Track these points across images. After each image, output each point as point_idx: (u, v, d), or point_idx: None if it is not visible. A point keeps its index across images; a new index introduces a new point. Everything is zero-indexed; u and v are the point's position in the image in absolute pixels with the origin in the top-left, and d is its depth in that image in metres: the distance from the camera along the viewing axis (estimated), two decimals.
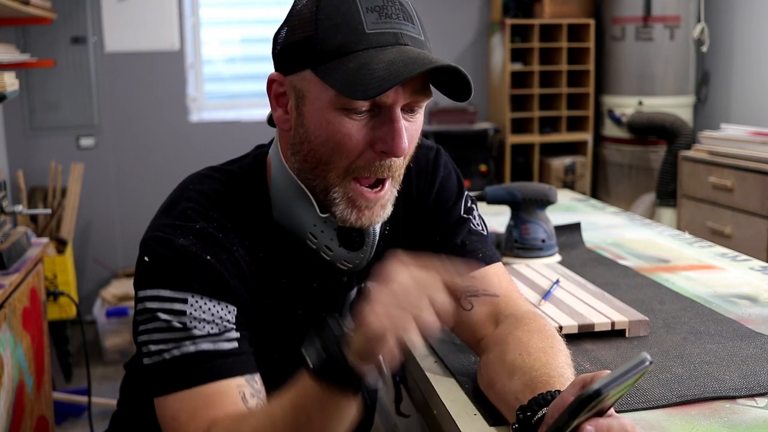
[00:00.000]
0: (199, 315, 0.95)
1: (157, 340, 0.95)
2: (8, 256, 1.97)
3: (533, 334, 1.01)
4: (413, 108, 0.96)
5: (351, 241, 1.02)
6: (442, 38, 4.55)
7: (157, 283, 0.96)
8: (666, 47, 4.04)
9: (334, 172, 0.96)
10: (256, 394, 0.98)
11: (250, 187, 1.05)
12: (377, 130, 0.94)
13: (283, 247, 1.04)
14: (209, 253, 0.97)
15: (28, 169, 3.93)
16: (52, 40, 3.96)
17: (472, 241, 1.13)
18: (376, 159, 0.95)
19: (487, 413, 0.96)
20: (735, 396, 1.00)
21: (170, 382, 0.95)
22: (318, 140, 0.96)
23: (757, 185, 3.02)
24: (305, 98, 0.96)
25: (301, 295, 1.06)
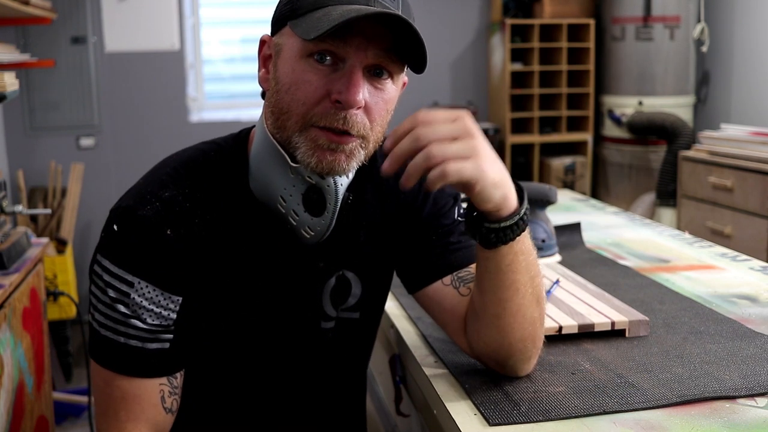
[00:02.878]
0: (142, 302, 1.01)
1: (101, 311, 1.02)
2: (8, 256, 1.98)
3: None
4: (380, 72, 1.00)
5: (314, 206, 1.04)
6: (442, 38, 4.55)
7: (113, 257, 1.01)
8: (666, 47, 4.04)
9: (293, 119, 0.99)
10: (174, 392, 1.06)
11: (230, 157, 1.09)
12: (336, 82, 0.97)
13: (253, 217, 1.07)
14: (170, 225, 1.01)
15: (28, 169, 3.93)
16: (52, 40, 3.96)
17: (468, 238, 1.15)
18: (332, 108, 0.97)
19: (487, 413, 0.96)
20: (735, 396, 1.00)
21: (99, 354, 1.03)
22: (284, 88, 1.00)
23: (757, 185, 3.02)
24: (281, 52, 1.02)
25: (264, 266, 1.08)
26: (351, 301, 1.16)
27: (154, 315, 1.02)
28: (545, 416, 0.95)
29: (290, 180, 1.03)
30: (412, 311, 1.35)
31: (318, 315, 1.14)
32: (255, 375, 1.14)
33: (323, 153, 0.99)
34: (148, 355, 1.02)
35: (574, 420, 0.94)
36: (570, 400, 0.99)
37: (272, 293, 1.10)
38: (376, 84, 1.00)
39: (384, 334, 1.45)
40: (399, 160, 0.91)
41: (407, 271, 1.18)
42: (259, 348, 1.12)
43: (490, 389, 1.02)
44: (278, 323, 1.11)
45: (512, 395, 1.00)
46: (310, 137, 0.99)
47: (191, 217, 1.03)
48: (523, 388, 1.02)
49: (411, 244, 1.17)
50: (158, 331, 1.02)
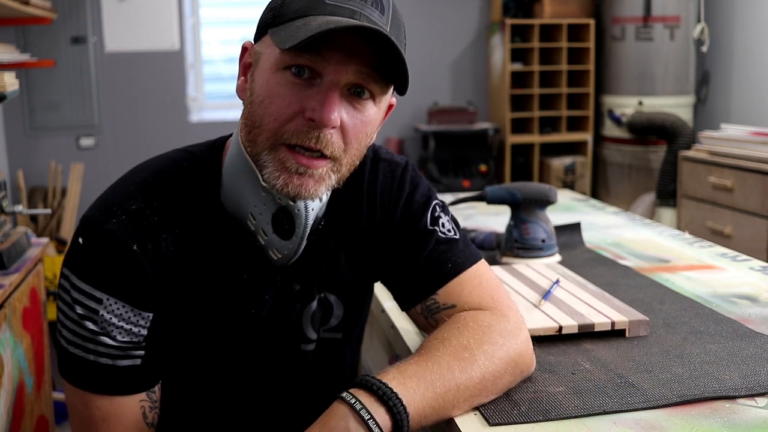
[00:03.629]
0: (111, 319, 0.96)
1: (69, 329, 0.98)
2: (8, 256, 1.98)
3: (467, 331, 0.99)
4: (361, 92, 0.94)
5: (282, 229, 1.00)
6: (442, 38, 4.55)
7: (81, 273, 0.97)
8: (666, 47, 4.04)
9: (263, 135, 0.94)
10: (154, 406, 1.02)
11: (203, 168, 1.04)
12: (311, 98, 0.92)
13: (224, 232, 1.02)
14: (136, 240, 0.96)
15: (28, 169, 3.93)
16: (52, 40, 3.96)
17: (440, 251, 1.08)
18: (305, 126, 0.92)
19: (487, 413, 0.96)
20: (735, 396, 0.99)
21: (70, 374, 0.99)
22: (257, 100, 0.95)
23: (757, 185, 3.02)
24: (259, 60, 0.96)
25: (231, 284, 1.04)
26: (333, 322, 1.13)
27: (124, 332, 0.97)
28: (545, 416, 0.95)
29: (261, 198, 0.99)
30: None
31: (298, 338, 1.10)
32: (233, 394, 1.11)
33: (290, 176, 0.94)
34: (120, 373, 0.98)
35: (574, 420, 0.94)
36: (570, 400, 0.99)
37: (244, 312, 1.05)
38: (355, 104, 0.94)
39: (384, 334, 1.45)
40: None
41: (391, 290, 1.15)
42: (235, 367, 1.08)
43: None
44: (253, 343, 1.08)
45: (512, 395, 1.00)
46: (278, 158, 0.94)
47: (159, 231, 0.98)
48: (523, 388, 1.02)
49: (387, 266, 1.12)
50: (129, 348, 0.98)
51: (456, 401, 0.93)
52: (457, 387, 0.93)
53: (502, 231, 1.71)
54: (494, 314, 1.04)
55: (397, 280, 1.12)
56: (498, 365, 0.97)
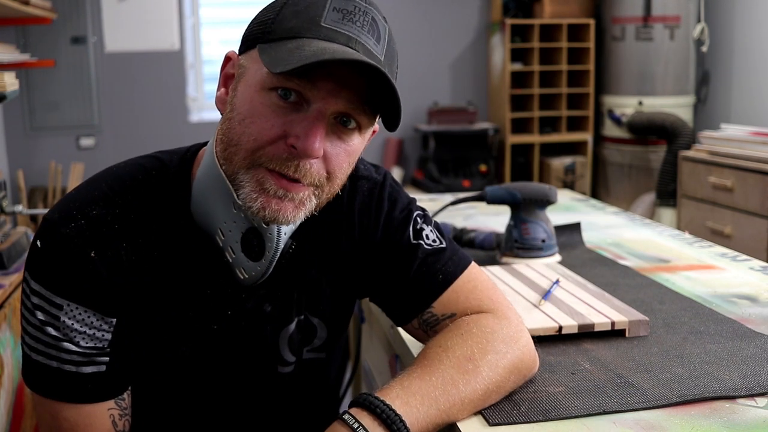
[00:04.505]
0: (73, 325, 0.93)
1: (31, 335, 0.95)
2: (8, 256, 1.98)
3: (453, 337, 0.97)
4: (347, 122, 0.90)
5: (251, 250, 0.96)
6: (442, 38, 4.55)
7: (40, 278, 0.93)
8: (666, 47, 4.04)
9: (241, 154, 0.89)
10: (124, 414, 1.00)
11: (173, 178, 1.00)
12: (296, 124, 0.88)
13: (188, 245, 0.99)
14: (94, 247, 0.93)
15: (28, 169, 3.93)
16: (52, 40, 3.96)
17: (429, 264, 1.05)
18: (285, 152, 0.88)
19: (487, 413, 0.96)
20: (735, 396, 0.99)
21: (34, 381, 0.96)
22: (238, 117, 0.90)
23: (757, 185, 3.02)
24: (244, 75, 0.92)
25: (193, 298, 1.00)
26: (317, 342, 1.10)
27: (87, 337, 0.94)
28: (545, 416, 0.95)
29: (232, 215, 0.94)
30: None
31: (274, 359, 1.07)
32: (207, 410, 1.09)
33: (269, 199, 0.89)
34: (86, 380, 0.95)
35: (574, 420, 0.94)
36: (570, 400, 0.99)
37: (206, 327, 1.02)
38: (340, 134, 0.91)
39: (384, 334, 1.45)
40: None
41: (384, 310, 1.12)
42: (206, 383, 1.06)
43: None
44: (222, 361, 1.05)
45: (512, 395, 1.00)
46: (256, 178, 0.89)
47: (119, 240, 0.94)
48: (523, 388, 1.02)
49: (375, 285, 1.09)
50: (93, 354, 0.95)
51: (459, 413, 0.92)
52: (461, 401, 0.91)
53: (502, 231, 1.71)
54: (496, 317, 1.02)
55: (388, 298, 1.08)
56: (501, 374, 0.96)
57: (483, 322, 1.00)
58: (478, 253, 1.66)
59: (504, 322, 1.01)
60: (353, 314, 1.25)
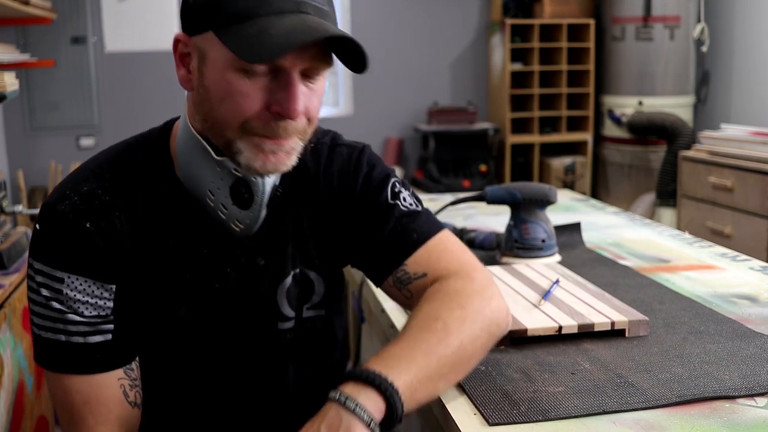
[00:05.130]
0: (75, 296, 0.99)
1: (39, 314, 1.00)
2: (8, 256, 1.98)
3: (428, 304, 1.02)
4: (312, 74, 0.99)
5: (242, 199, 1.04)
6: (442, 38, 4.55)
7: (41, 256, 1.00)
8: (666, 47, 4.04)
9: (230, 128, 0.98)
10: (134, 384, 1.05)
11: (155, 147, 1.08)
12: (274, 93, 0.96)
13: (180, 208, 1.06)
14: (89, 219, 1.00)
15: (28, 169, 3.93)
16: (52, 40, 3.96)
17: (404, 224, 1.10)
18: (271, 119, 0.97)
19: (487, 413, 0.96)
20: (735, 396, 0.99)
21: (45, 358, 1.01)
22: (216, 99, 0.98)
23: (757, 185, 3.02)
24: (206, 58, 0.98)
25: (190, 259, 1.06)
26: (315, 299, 1.15)
27: (90, 306, 1.00)
28: (545, 416, 0.95)
29: (217, 174, 1.02)
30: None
31: (273, 315, 1.12)
32: (213, 371, 1.12)
33: (266, 156, 0.99)
34: (94, 349, 1.00)
35: (574, 420, 0.94)
36: (570, 400, 0.99)
37: (208, 287, 1.08)
38: (309, 84, 0.99)
39: (384, 334, 1.45)
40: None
41: (361, 267, 1.17)
42: (211, 344, 1.10)
43: (490, 389, 1.02)
44: (226, 319, 1.10)
45: (512, 395, 1.00)
46: (252, 142, 0.98)
47: (112, 209, 1.02)
48: (522, 388, 1.02)
49: (354, 244, 1.14)
50: (98, 323, 1.01)
51: (441, 372, 0.95)
52: (438, 358, 0.94)
53: (502, 231, 1.71)
54: (460, 277, 1.06)
55: (365, 256, 1.13)
56: (472, 328, 0.99)
57: (447, 285, 1.05)
58: (478, 253, 1.66)
59: (467, 281, 1.05)
60: (354, 314, 1.27)
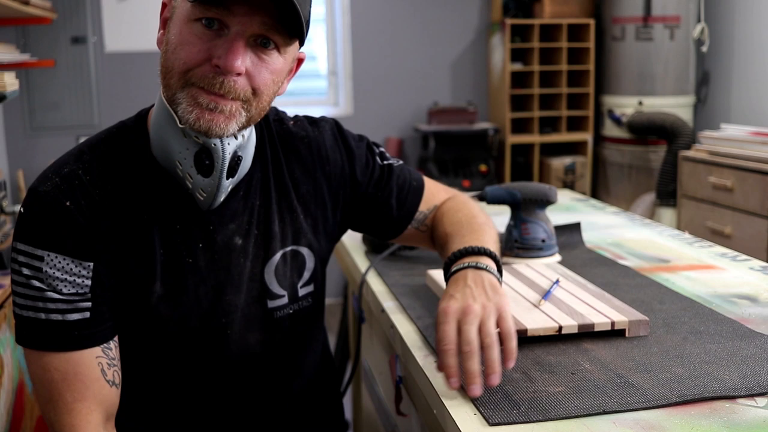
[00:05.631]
0: (54, 273, 1.03)
1: (19, 293, 1.05)
2: (8, 256, 1.98)
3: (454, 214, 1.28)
4: (266, 43, 1.03)
5: (204, 167, 1.07)
6: (442, 38, 4.55)
7: (23, 236, 1.05)
8: (666, 47, 4.04)
9: (175, 78, 1.03)
10: (112, 363, 1.08)
11: (132, 130, 1.13)
12: (218, 47, 1.00)
13: (154, 185, 1.10)
14: (69, 198, 1.04)
15: (28, 169, 3.93)
16: (52, 40, 3.96)
17: (402, 176, 1.31)
18: (211, 72, 1.01)
19: (487, 413, 0.96)
20: (735, 396, 1.00)
21: (25, 337, 1.05)
22: (170, 48, 1.04)
23: (757, 185, 3.02)
24: (174, 13, 1.05)
25: (163, 234, 1.11)
26: (306, 275, 1.21)
27: (68, 284, 1.04)
28: (545, 416, 0.95)
29: (183, 143, 1.06)
30: (412, 311, 1.35)
31: (260, 293, 1.17)
32: (191, 353, 1.15)
33: (202, 112, 1.02)
34: (72, 327, 1.04)
35: (574, 420, 0.94)
36: (570, 400, 0.99)
37: (180, 260, 1.12)
38: (260, 54, 1.03)
39: (384, 334, 1.45)
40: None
41: (372, 231, 1.34)
42: (184, 323, 1.13)
43: (490, 389, 1.02)
44: (196, 297, 1.13)
45: (512, 395, 1.00)
46: (190, 94, 1.02)
47: (91, 188, 1.06)
48: (522, 388, 1.02)
49: (361, 209, 1.28)
50: (75, 300, 1.04)
51: (490, 235, 1.22)
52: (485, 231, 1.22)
53: (502, 231, 1.71)
54: (451, 197, 1.36)
55: (380, 218, 1.30)
56: (479, 211, 1.31)
57: (451, 202, 1.33)
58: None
59: (454, 196, 1.37)
60: (354, 314, 1.30)
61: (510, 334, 1.00)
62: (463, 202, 1.34)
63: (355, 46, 4.42)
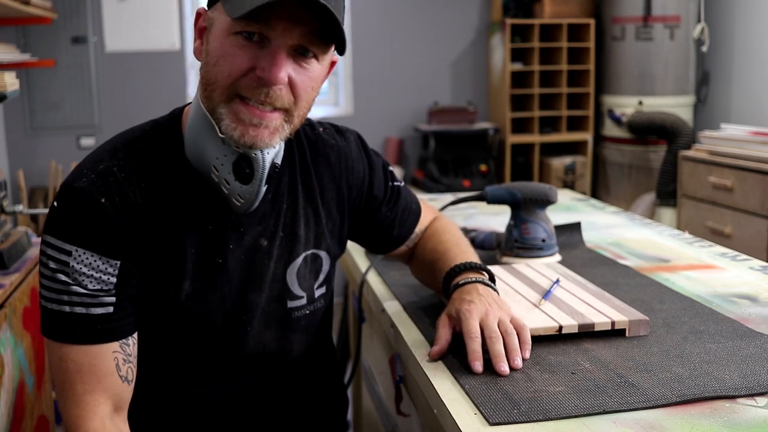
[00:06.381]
0: (81, 269, 1.04)
1: (45, 286, 1.06)
2: (9, 256, 1.98)
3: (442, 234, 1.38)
4: (305, 52, 1.05)
5: (243, 174, 1.09)
6: (442, 38, 4.55)
7: (53, 230, 1.06)
8: (666, 47, 4.04)
9: (218, 91, 1.04)
10: (128, 359, 1.09)
11: (166, 130, 1.14)
12: (261, 59, 1.02)
13: (187, 186, 1.11)
14: (104, 194, 1.06)
15: (29, 168, 3.94)
16: (52, 40, 3.96)
17: (407, 198, 1.38)
18: (255, 82, 1.03)
19: (487, 413, 0.96)
20: (735, 395, 1.00)
21: (48, 329, 1.07)
22: (212, 61, 1.05)
23: (757, 185, 3.02)
24: (213, 25, 1.06)
25: (195, 234, 1.12)
26: (321, 277, 1.25)
27: (94, 280, 1.05)
28: (545, 416, 0.95)
29: (221, 149, 1.08)
30: (412, 311, 1.35)
31: (282, 294, 1.20)
32: (213, 347, 1.17)
33: (246, 128, 1.04)
34: (94, 321, 1.05)
35: (574, 419, 0.94)
36: (570, 399, 0.99)
37: (210, 260, 1.13)
38: (301, 63, 1.05)
39: (384, 334, 1.45)
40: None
41: (367, 243, 1.39)
42: (209, 322, 1.15)
43: (490, 389, 1.02)
44: (223, 297, 1.15)
45: (512, 395, 1.00)
46: (233, 109, 1.04)
47: (126, 186, 1.07)
48: (523, 388, 1.02)
49: (367, 222, 1.33)
50: (100, 295, 1.05)
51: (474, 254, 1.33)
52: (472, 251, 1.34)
53: (502, 231, 1.71)
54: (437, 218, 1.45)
55: (379, 233, 1.35)
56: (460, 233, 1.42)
57: (437, 223, 1.43)
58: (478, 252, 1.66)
59: (439, 217, 1.46)
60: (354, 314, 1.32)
61: (524, 327, 1.13)
62: (448, 224, 1.43)
63: (355, 46, 4.42)
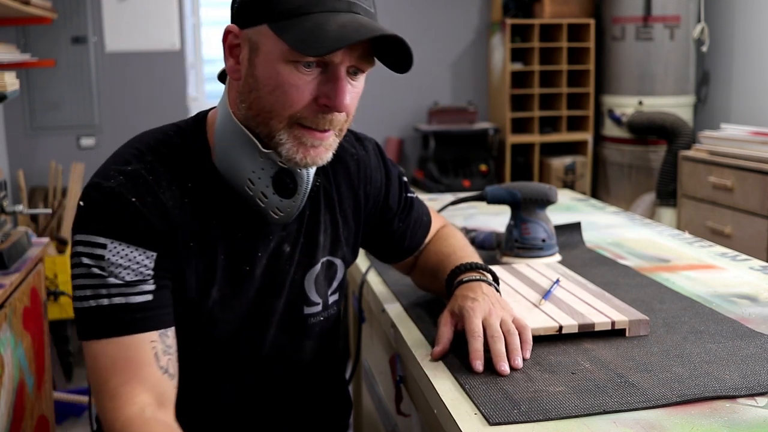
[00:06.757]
0: (117, 260, 1.02)
1: (80, 285, 1.03)
2: (9, 256, 1.98)
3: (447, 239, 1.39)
4: (357, 72, 1.05)
5: (285, 188, 1.10)
6: (442, 38, 4.55)
7: (84, 227, 1.03)
8: (666, 47, 4.04)
9: (277, 119, 1.04)
10: (168, 351, 1.05)
11: (191, 136, 1.13)
12: (323, 86, 1.02)
13: (215, 193, 1.11)
14: (135, 194, 1.04)
15: (29, 168, 3.93)
16: (52, 40, 3.96)
17: (420, 210, 1.38)
18: (319, 111, 1.03)
19: (487, 413, 0.96)
20: (735, 395, 1.00)
21: (85, 330, 1.03)
22: (266, 89, 1.03)
23: (757, 185, 3.02)
24: (259, 50, 1.03)
25: (226, 241, 1.11)
26: (335, 284, 1.25)
27: (131, 271, 1.03)
28: (545, 416, 0.95)
29: (259, 163, 1.07)
30: (413, 311, 1.35)
31: (299, 300, 1.20)
32: (230, 350, 1.17)
33: (306, 150, 1.05)
34: (134, 310, 1.02)
35: (574, 419, 0.94)
36: (570, 399, 0.99)
37: (239, 268, 1.13)
38: (352, 81, 1.05)
39: (384, 334, 1.45)
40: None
41: (377, 252, 1.39)
42: (234, 329, 1.15)
43: (490, 389, 1.02)
44: (249, 303, 1.15)
45: (512, 395, 1.00)
46: (294, 135, 1.04)
47: (155, 187, 1.06)
48: (523, 388, 1.02)
49: (380, 232, 1.33)
50: (138, 283, 1.03)
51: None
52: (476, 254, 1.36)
53: (502, 231, 1.71)
54: (444, 225, 1.46)
55: (390, 242, 1.36)
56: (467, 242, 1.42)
57: (444, 231, 1.44)
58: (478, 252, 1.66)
59: (446, 225, 1.46)
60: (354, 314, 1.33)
61: (526, 327, 1.14)
62: (453, 231, 1.44)
63: None
